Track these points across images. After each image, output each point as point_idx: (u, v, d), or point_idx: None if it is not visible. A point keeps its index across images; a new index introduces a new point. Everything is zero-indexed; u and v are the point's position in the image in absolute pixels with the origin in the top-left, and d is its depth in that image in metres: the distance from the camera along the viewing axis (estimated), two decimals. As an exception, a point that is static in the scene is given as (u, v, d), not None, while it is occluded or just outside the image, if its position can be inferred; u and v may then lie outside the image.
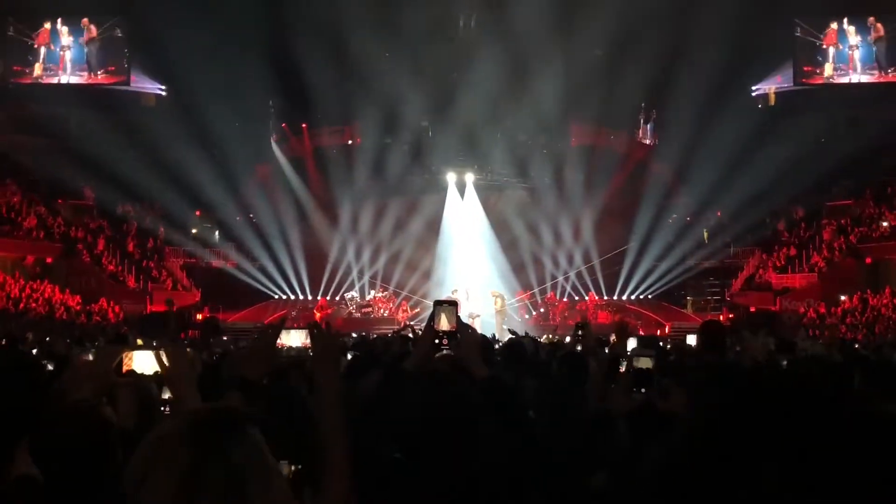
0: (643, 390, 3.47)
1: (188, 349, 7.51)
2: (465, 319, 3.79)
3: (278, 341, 3.15)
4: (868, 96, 34.81)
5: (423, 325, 3.95)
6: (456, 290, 28.45)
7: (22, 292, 28.55)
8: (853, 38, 35.74)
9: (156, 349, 2.93)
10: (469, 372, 3.32)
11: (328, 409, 2.43)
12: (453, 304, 3.66)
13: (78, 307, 29.35)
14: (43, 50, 35.68)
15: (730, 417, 1.25)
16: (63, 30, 35.70)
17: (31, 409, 2.74)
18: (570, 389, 4.90)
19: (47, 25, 35.46)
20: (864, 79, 35.89)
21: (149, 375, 3.00)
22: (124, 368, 3.02)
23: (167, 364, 2.83)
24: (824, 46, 35.80)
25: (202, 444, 1.68)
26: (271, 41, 31.99)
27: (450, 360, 3.53)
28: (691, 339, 6.78)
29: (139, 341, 3.03)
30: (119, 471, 2.55)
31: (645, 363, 3.60)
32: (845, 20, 35.47)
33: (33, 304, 28.14)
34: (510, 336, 11.92)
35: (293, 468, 2.68)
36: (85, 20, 35.47)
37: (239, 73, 32.35)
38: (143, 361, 3.02)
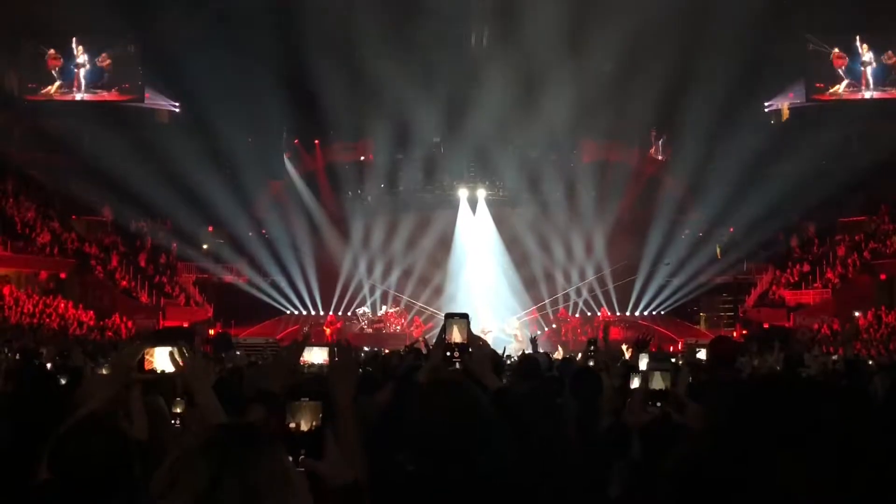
0: (658, 404, 3.45)
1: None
2: (476, 333, 3.79)
3: (301, 358, 3.17)
4: (881, 112, 34.70)
5: (436, 339, 3.96)
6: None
7: (36, 307, 28.67)
8: (866, 54, 35.68)
9: (172, 348, 2.96)
10: (482, 383, 3.32)
11: (343, 422, 2.45)
12: (465, 317, 3.66)
13: (91, 322, 29.45)
14: (58, 67, 35.93)
15: (739, 426, 1.26)
16: (78, 48, 35.96)
17: (48, 421, 2.76)
18: (584, 404, 4.89)
19: (53, 51, 35.68)
20: (877, 95, 35.79)
21: (170, 372, 3.03)
22: (146, 366, 3.04)
23: (181, 363, 2.87)
24: (835, 65, 35.77)
25: (221, 459, 1.69)
26: (284, 57, 32.17)
27: (462, 371, 3.54)
28: (701, 354, 6.75)
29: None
30: (136, 482, 2.57)
31: (658, 383, 3.55)
32: (857, 37, 35.43)
33: (47, 320, 28.25)
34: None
35: None
36: (100, 38, 35.71)
37: (252, 90, 32.55)
38: (164, 359, 3.05)
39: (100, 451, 2.56)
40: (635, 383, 3.97)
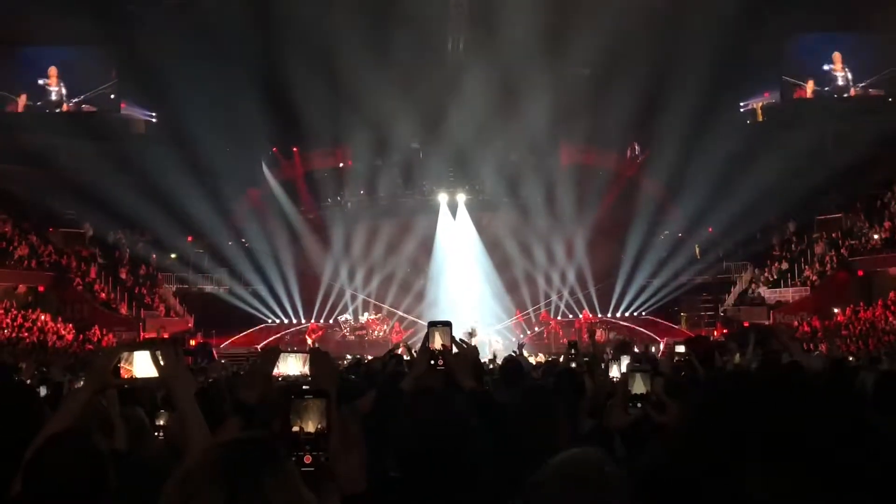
0: (639, 405, 3.46)
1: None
2: (462, 336, 3.82)
3: (275, 370, 3.15)
4: (855, 110, 35.08)
5: (418, 345, 3.98)
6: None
7: (14, 321, 28.41)
8: (839, 56, 36.04)
9: (153, 350, 2.92)
10: (458, 384, 3.34)
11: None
12: (447, 325, 3.68)
13: (71, 336, 29.21)
14: (33, 78, 35.66)
15: (708, 421, 1.25)
16: (53, 59, 35.67)
17: (27, 436, 2.73)
18: (566, 406, 4.89)
19: (28, 63, 35.44)
20: (851, 93, 36.17)
21: (151, 377, 2.98)
22: (123, 374, 3.00)
23: (163, 365, 2.83)
24: (809, 65, 36.17)
25: (237, 477, 1.67)
26: (261, 65, 32.09)
27: (442, 375, 3.55)
28: (680, 348, 6.79)
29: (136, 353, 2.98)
30: (110, 494, 2.54)
31: (639, 386, 3.55)
32: (831, 38, 35.82)
33: (25, 333, 28.00)
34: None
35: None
36: (75, 49, 35.44)
37: (229, 98, 32.42)
38: (143, 366, 3.00)
39: (72, 464, 2.54)
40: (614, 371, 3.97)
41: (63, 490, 2.51)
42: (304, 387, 2.56)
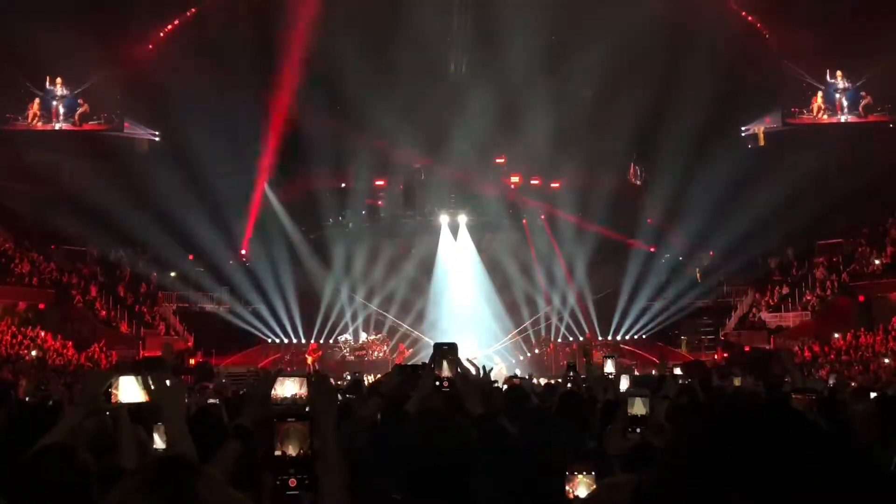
0: (638, 430, 3.46)
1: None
2: (465, 360, 3.83)
3: (273, 392, 3.16)
4: (858, 135, 35.16)
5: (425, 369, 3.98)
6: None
7: (14, 339, 28.37)
8: (841, 81, 36.18)
9: (142, 376, 2.93)
10: (465, 409, 3.34)
11: (326, 452, 2.44)
12: (453, 349, 3.68)
13: (70, 353, 29.15)
14: (36, 97, 35.78)
15: (695, 448, 1.24)
16: (57, 77, 35.81)
17: (21, 453, 2.74)
18: (568, 429, 4.89)
19: (31, 81, 35.53)
20: (851, 119, 36.26)
21: (135, 403, 2.99)
22: (113, 400, 3.01)
23: (153, 389, 2.85)
24: (807, 94, 36.32)
25: (159, 494, 1.69)
26: (264, 84, 32.23)
27: (446, 397, 3.56)
28: (677, 370, 6.82)
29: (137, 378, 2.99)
30: None
31: (639, 408, 3.55)
32: (832, 63, 35.94)
33: (25, 351, 27.95)
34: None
35: None
36: (78, 67, 35.50)
37: (232, 117, 32.50)
38: (129, 390, 3.01)
39: (54, 481, 2.54)
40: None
41: (43, 502, 2.51)
42: (291, 410, 2.57)
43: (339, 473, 2.43)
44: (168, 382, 2.91)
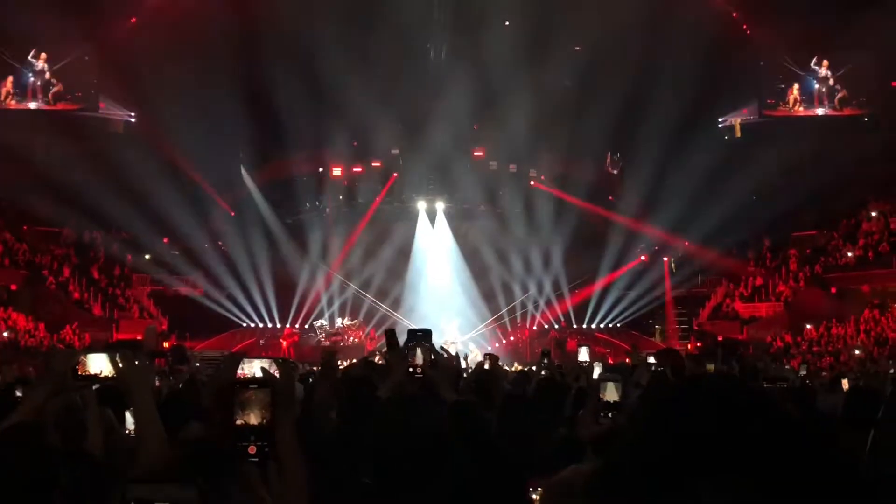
0: (610, 415, 3.47)
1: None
2: (440, 346, 3.82)
3: (239, 373, 3.13)
4: (832, 128, 35.41)
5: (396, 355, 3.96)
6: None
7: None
8: (822, 69, 36.35)
9: (110, 353, 2.90)
10: (438, 395, 3.33)
11: (283, 435, 2.40)
12: (427, 333, 3.66)
13: (42, 334, 28.90)
14: (10, 75, 35.27)
15: (653, 428, 1.21)
16: (31, 56, 35.28)
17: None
18: (543, 415, 4.90)
19: (4, 59, 35.00)
20: (829, 112, 36.49)
21: (104, 377, 2.95)
22: (80, 370, 2.97)
23: (120, 366, 2.82)
24: (782, 87, 36.50)
25: (200, 476, 1.67)
26: (242, 68, 31.96)
27: (419, 383, 3.55)
28: (651, 359, 6.87)
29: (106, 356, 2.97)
30: (58, 494, 2.51)
31: (611, 394, 3.56)
32: (810, 55, 36.13)
33: (-3, 332, 27.70)
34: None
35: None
36: (53, 46, 35.01)
37: (209, 100, 32.19)
38: (98, 363, 2.97)
39: (17, 461, 2.51)
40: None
41: (7, 483, 2.47)
42: (252, 379, 2.54)
43: (299, 466, 2.40)
44: (136, 363, 2.87)
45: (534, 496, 3.02)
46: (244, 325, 34.20)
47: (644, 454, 1.13)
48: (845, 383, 9.27)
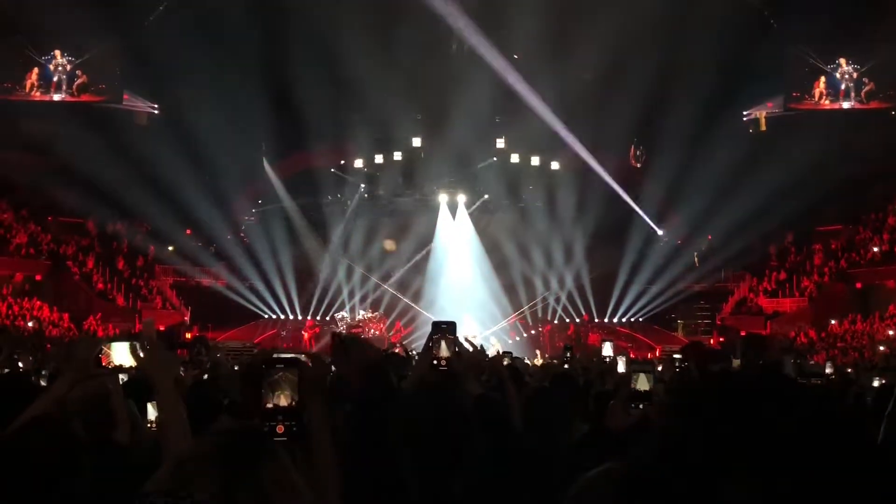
0: (640, 406, 3.43)
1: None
2: (462, 339, 3.78)
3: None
4: (859, 121, 34.99)
5: (415, 345, 3.94)
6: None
7: (10, 310, 28.35)
8: (845, 66, 35.94)
9: (132, 342, 2.89)
10: (463, 387, 3.30)
11: (316, 428, 2.39)
12: (452, 329, 3.63)
13: (66, 325, 29.15)
14: (35, 67, 35.51)
15: (686, 423, 1.17)
16: (56, 48, 35.53)
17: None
18: (561, 409, 4.86)
19: (30, 51, 35.23)
20: (856, 105, 36.04)
21: (127, 367, 2.95)
22: (103, 361, 2.96)
23: (142, 356, 2.81)
24: (813, 75, 36.08)
25: (234, 465, 1.65)
26: (265, 60, 32.02)
27: (443, 375, 3.51)
28: (677, 355, 6.79)
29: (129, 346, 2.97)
30: (81, 484, 2.50)
31: (643, 384, 3.54)
32: (836, 48, 35.72)
33: (21, 322, 27.94)
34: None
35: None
36: (78, 38, 35.19)
37: (232, 92, 32.34)
38: (121, 354, 2.97)
39: (43, 449, 2.50)
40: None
41: (31, 473, 2.46)
42: (281, 359, 2.52)
43: (329, 447, 2.40)
44: (160, 353, 2.85)
45: None
46: (266, 316, 34.37)
47: (676, 456, 1.09)
48: (875, 381, 9.14)
